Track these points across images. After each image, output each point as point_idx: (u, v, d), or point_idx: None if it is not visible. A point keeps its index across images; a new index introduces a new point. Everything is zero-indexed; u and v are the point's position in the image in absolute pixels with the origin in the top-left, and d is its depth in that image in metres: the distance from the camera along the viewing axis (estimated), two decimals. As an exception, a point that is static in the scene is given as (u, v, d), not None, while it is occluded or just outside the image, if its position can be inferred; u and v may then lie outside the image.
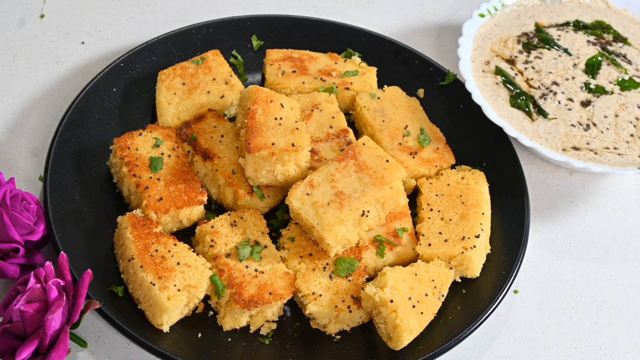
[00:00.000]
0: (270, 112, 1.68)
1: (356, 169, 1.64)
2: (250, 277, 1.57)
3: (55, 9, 2.04)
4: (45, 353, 1.43)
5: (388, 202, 1.65)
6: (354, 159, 1.66)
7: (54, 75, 1.92)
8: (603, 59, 1.97)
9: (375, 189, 1.62)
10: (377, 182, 1.63)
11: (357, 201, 1.61)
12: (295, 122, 1.69)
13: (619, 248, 1.82)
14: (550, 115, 1.87)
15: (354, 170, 1.64)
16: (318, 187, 1.62)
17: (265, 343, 1.57)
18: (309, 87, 1.86)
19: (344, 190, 1.62)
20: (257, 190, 1.69)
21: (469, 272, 1.66)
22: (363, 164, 1.65)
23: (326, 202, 1.60)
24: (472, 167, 1.81)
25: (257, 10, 2.12)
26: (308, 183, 1.62)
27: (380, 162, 1.66)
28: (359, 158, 1.66)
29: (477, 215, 1.69)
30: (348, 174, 1.64)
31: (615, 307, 1.73)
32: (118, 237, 1.61)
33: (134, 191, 1.67)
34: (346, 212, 1.59)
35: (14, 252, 1.56)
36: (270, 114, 1.68)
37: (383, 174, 1.64)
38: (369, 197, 1.61)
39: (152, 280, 1.52)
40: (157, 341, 1.51)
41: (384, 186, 1.63)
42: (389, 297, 1.53)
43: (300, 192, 1.61)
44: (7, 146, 1.80)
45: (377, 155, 1.66)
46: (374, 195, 1.62)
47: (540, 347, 1.66)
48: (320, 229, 1.58)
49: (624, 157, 1.83)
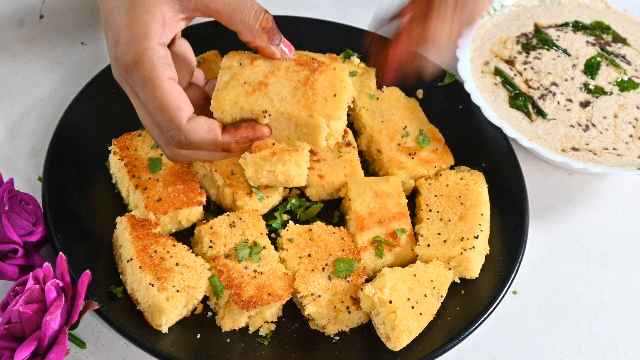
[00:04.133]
0: None
1: (300, 81, 1.47)
2: (249, 277, 1.57)
3: (54, 9, 2.04)
4: (44, 354, 1.43)
5: (301, 129, 1.48)
6: (311, 72, 1.48)
7: (53, 76, 1.92)
8: (602, 59, 1.97)
9: (296, 105, 1.46)
10: (304, 103, 1.45)
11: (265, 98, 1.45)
12: None
13: (618, 249, 1.82)
14: (549, 115, 1.87)
15: (297, 80, 1.47)
16: (254, 67, 1.47)
17: (264, 344, 1.57)
18: (308, 88, 1.86)
19: (269, 85, 1.46)
20: (256, 191, 1.69)
21: (468, 272, 1.66)
22: (312, 81, 1.47)
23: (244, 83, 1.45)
24: (471, 168, 1.81)
25: (256, 10, 2.11)
26: (249, 57, 1.48)
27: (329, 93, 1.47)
28: (315, 76, 1.48)
29: (476, 216, 1.69)
30: (288, 79, 1.47)
31: (614, 307, 1.73)
32: (117, 237, 1.61)
33: (132, 192, 1.67)
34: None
35: (13, 253, 1.56)
36: None
37: (315, 100, 1.45)
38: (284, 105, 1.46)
39: (151, 281, 1.52)
40: (156, 342, 1.51)
41: (304, 109, 1.45)
42: (388, 297, 1.53)
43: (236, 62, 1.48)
44: (6, 146, 1.80)
45: (332, 86, 1.47)
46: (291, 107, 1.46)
47: (540, 348, 1.66)
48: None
49: (623, 157, 1.83)
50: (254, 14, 1.41)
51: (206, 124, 1.40)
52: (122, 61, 1.39)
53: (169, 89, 1.37)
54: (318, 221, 1.69)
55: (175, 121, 1.38)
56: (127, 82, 1.41)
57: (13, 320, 1.43)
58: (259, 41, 1.43)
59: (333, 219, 1.76)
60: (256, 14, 1.41)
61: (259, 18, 1.41)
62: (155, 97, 1.37)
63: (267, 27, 1.41)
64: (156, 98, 1.37)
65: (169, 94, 1.37)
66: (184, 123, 1.39)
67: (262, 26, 1.41)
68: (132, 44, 1.37)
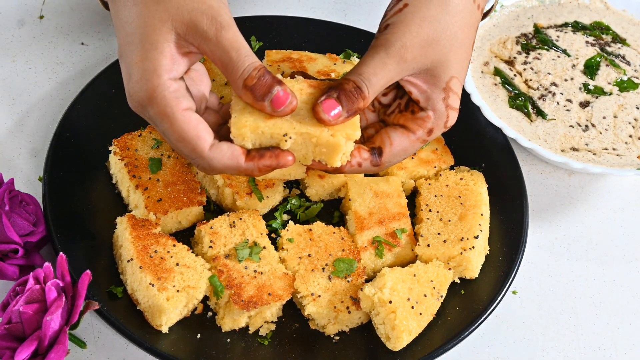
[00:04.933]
0: None
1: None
2: (249, 277, 1.57)
3: (55, 10, 2.04)
4: (44, 354, 1.43)
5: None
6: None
7: (53, 76, 1.92)
8: (602, 59, 1.97)
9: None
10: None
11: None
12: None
13: (618, 249, 1.82)
14: (549, 116, 1.87)
15: (312, 101, 1.47)
16: None
17: (264, 344, 1.57)
18: (308, 88, 1.86)
19: None
20: (255, 191, 1.69)
21: (468, 272, 1.66)
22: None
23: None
24: (471, 168, 1.81)
25: (256, 10, 2.12)
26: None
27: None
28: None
29: (475, 216, 1.69)
30: (302, 101, 1.47)
31: (614, 307, 1.74)
32: (117, 237, 1.61)
33: (133, 192, 1.67)
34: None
35: (13, 253, 1.56)
36: None
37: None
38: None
39: (151, 281, 1.52)
40: (156, 342, 1.51)
41: (324, 129, 1.46)
42: (388, 297, 1.53)
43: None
44: (6, 147, 1.80)
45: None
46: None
47: (539, 348, 1.67)
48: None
49: (622, 158, 1.83)
50: (240, 74, 1.40)
51: (229, 150, 1.43)
52: (135, 97, 1.41)
53: (185, 121, 1.40)
54: (318, 221, 1.70)
55: (197, 150, 1.41)
56: (144, 115, 1.44)
57: (13, 320, 1.43)
58: (245, 98, 1.42)
59: (333, 219, 1.76)
60: (242, 74, 1.40)
61: (244, 76, 1.40)
62: (173, 130, 1.40)
63: (248, 85, 1.40)
64: (175, 131, 1.40)
65: (187, 125, 1.40)
66: (206, 151, 1.41)
67: (244, 85, 1.40)
68: (144, 81, 1.39)
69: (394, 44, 1.47)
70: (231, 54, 1.39)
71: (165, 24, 1.39)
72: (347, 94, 1.45)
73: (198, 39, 1.39)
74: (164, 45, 1.39)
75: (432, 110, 1.53)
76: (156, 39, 1.39)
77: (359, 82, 1.46)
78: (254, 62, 1.40)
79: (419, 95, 1.52)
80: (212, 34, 1.38)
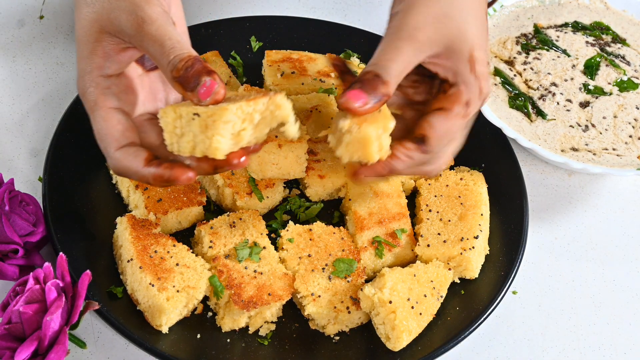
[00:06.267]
0: None
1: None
2: (249, 278, 1.57)
3: (55, 9, 2.05)
4: (44, 354, 1.43)
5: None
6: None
7: (53, 76, 1.92)
8: (602, 60, 1.97)
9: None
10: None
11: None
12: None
13: (618, 249, 1.82)
14: (549, 116, 1.88)
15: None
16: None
17: (264, 344, 1.57)
18: (307, 88, 1.86)
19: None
20: (255, 191, 1.69)
21: (468, 273, 1.66)
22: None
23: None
24: (471, 168, 1.81)
25: (256, 11, 2.12)
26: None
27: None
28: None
29: (475, 216, 1.69)
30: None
31: (613, 307, 1.74)
32: (117, 238, 1.61)
33: (133, 192, 1.67)
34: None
35: (13, 253, 1.56)
36: None
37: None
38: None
39: (151, 281, 1.52)
40: (156, 342, 1.51)
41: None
42: (388, 298, 1.53)
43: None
44: (6, 147, 1.80)
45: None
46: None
47: (539, 348, 1.67)
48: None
49: (622, 158, 1.83)
50: (166, 66, 1.38)
51: (133, 154, 1.43)
52: (79, 93, 1.46)
53: (105, 118, 1.43)
54: (318, 221, 1.70)
55: (106, 149, 1.44)
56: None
57: (13, 320, 1.43)
58: (177, 90, 1.40)
59: (333, 219, 1.76)
60: (169, 66, 1.38)
61: (170, 69, 1.38)
62: (94, 125, 1.45)
63: (176, 77, 1.37)
64: (95, 127, 1.45)
65: (104, 122, 1.43)
66: (113, 151, 1.43)
67: (172, 77, 1.38)
68: (79, 79, 1.45)
69: (404, 28, 1.47)
70: (155, 48, 1.39)
71: (94, 25, 1.42)
72: (367, 82, 1.44)
73: (124, 35, 1.41)
74: (95, 45, 1.43)
75: (462, 83, 1.50)
76: (88, 40, 1.44)
77: (376, 70, 1.45)
78: (180, 53, 1.38)
79: (446, 73, 1.51)
80: (134, 29, 1.39)
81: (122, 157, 1.43)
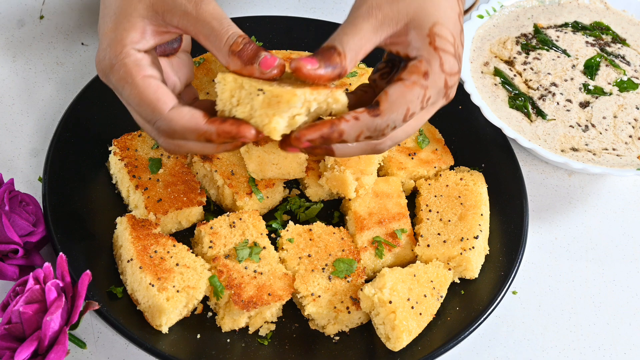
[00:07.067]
0: None
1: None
2: (249, 278, 1.57)
3: (55, 10, 2.05)
4: (44, 354, 1.43)
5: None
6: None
7: (53, 76, 1.93)
8: (602, 60, 1.97)
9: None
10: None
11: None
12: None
13: (618, 249, 1.82)
14: (549, 116, 1.88)
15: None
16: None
17: (264, 344, 1.57)
18: (308, 88, 1.86)
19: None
20: (256, 191, 1.69)
21: (468, 273, 1.66)
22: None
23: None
24: (471, 168, 1.81)
25: (256, 10, 2.12)
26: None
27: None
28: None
29: (475, 216, 1.69)
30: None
31: (613, 308, 1.74)
32: (117, 238, 1.62)
33: (133, 192, 1.67)
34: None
35: (13, 253, 1.56)
36: None
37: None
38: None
39: (151, 281, 1.52)
40: (156, 342, 1.51)
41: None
42: (388, 298, 1.53)
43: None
44: (6, 147, 1.80)
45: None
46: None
47: (539, 348, 1.67)
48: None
49: (622, 158, 1.83)
50: (225, 41, 1.40)
51: (190, 112, 1.41)
52: (100, 66, 1.43)
53: (145, 84, 1.41)
54: (318, 221, 1.70)
55: (156, 111, 1.41)
56: (109, 84, 1.45)
57: (13, 320, 1.43)
58: (233, 66, 1.41)
59: (333, 219, 1.76)
60: (227, 41, 1.41)
61: (229, 43, 1.40)
62: (133, 94, 1.41)
63: (235, 51, 1.40)
64: (134, 95, 1.41)
65: (146, 88, 1.41)
66: (166, 112, 1.41)
67: (231, 51, 1.40)
68: (108, 49, 1.42)
69: (361, 7, 1.48)
70: (213, 24, 1.40)
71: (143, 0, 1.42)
72: (322, 51, 1.46)
73: (177, 14, 1.41)
74: (137, 19, 1.42)
75: (420, 56, 1.48)
76: (130, 13, 1.42)
77: (332, 43, 1.47)
78: (238, 31, 1.42)
79: (405, 50, 1.49)
80: (192, 7, 1.40)
81: (178, 117, 1.40)
